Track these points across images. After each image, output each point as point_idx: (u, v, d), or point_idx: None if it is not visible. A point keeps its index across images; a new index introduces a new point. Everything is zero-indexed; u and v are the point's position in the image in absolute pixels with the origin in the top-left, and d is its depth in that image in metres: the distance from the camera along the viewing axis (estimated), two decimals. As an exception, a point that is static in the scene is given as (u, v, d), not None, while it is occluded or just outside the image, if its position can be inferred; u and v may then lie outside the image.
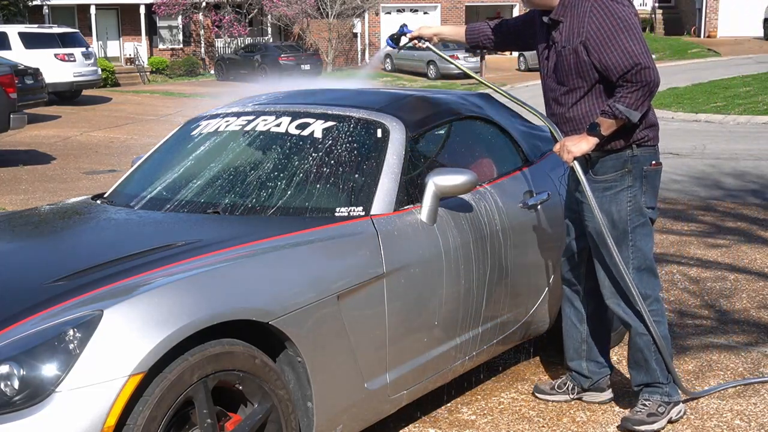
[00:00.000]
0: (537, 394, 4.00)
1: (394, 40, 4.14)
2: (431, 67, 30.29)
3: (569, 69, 3.54)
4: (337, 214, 3.38)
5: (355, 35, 37.15)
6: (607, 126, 3.45)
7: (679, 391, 3.75)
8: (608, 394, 3.95)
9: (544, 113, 3.78)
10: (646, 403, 3.67)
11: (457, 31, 4.19)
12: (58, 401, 2.37)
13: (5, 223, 3.77)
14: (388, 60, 34.23)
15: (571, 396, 3.95)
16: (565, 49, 3.52)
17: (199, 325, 2.59)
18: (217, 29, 35.11)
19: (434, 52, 4.25)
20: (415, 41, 4.11)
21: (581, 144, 3.51)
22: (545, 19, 3.61)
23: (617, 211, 3.57)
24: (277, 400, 2.83)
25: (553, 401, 3.95)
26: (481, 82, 4.29)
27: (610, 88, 3.48)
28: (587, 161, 3.60)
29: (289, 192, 3.51)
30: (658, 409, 3.63)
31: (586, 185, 3.56)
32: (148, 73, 32.44)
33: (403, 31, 4.12)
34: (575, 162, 3.56)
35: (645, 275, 3.61)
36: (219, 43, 35.87)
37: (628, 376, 4.24)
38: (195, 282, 2.72)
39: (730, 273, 5.93)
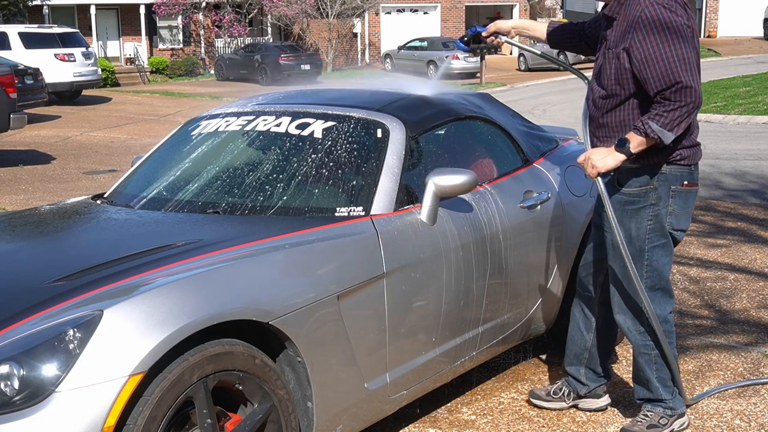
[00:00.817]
0: (532, 400, 3.93)
1: (466, 42, 4.01)
2: (431, 67, 30.28)
3: (609, 73, 3.36)
4: (337, 214, 3.38)
5: (355, 35, 37.15)
6: (636, 143, 3.24)
7: (690, 402, 3.67)
8: (605, 400, 3.89)
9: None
10: (648, 414, 3.60)
11: (536, 26, 4.02)
12: (58, 401, 2.37)
13: (5, 223, 3.77)
14: (388, 60, 34.25)
15: (567, 403, 3.88)
16: (610, 52, 3.35)
17: (199, 325, 2.59)
18: (217, 29, 35.12)
19: (513, 45, 4.05)
20: (492, 37, 3.98)
21: (607, 159, 3.32)
22: (602, 12, 3.44)
23: (636, 228, 3.42)
24: (277, 400, 2.83)
25: (548, 408, 3.89)
26: (579, 75, 4.06)
27: (648, 102, 3.28)
28: (615, 169, 3.40)
29: (289, 192, 3.51)
30: (660, 421, 3.57)
31: (608, 201, 3.39)
32: (148, 73, 32.44)
33: (475, 29, 3.99)
34: (598, 178, 3.38)
35: (658, 295, 3.49)
36: (219, 43, 35.88)
37: (627, 378, 4.24)
38: (195, 282, 2.72)
39: (730, 273, 5.93)
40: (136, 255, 2.95)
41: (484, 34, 3.99)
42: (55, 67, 21.25)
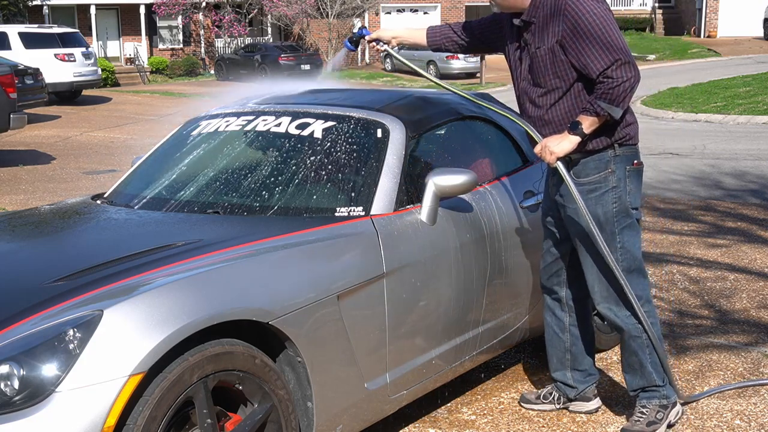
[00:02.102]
0: (522, 404, 3.92)
1: (353, 42, 4.00)
2: (431, 67, 30.29)
3: (545, 70, 3.45)
4: (337, 214, 3.38)
5: (355, 35, 37.14)
6: (589, 124, 3.36)
7: (675, 392, 3.68)
8: (595, 403, 3.86)
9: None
10: (644, 410, 3.59)
11: (416, 33, 4.03)
12: (58, 401, 2.37)
13: (5, 223, 3.77)
14: (388, 60, 34.22)
15: (557, 406, 3.87)
16: (540, 50, 3.44)
17: (199, 325, 2.59)
18: (217, 29, 35.12)
19: (393, 55, 3.98)
20: (374, 44, 3.95)
21: (563, 143, 3.41)
22: (516, 21, 3.52)
23: (603, 213, 3.48)
24: (277, 400, 2.83)
25: (538, 410, 3.88)
26: (441, 85, 3.98)
27: (589, 87, 3.40)
28: (568, 163, 3.50)
29: (289, 192, 3.51)
30: (657, 416, 3.57)
31: (573, 185, 3.44)
32: (148, 73, 32.44)
33: (362, 33, 3.97)
34: (559, 162, 3.45)
35: (635, 276, 3.53)
36: (219, 43, 35.88)
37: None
38: (195, 282, 2.72)
39: (730, 273, 5.93)
40: (136, 255, 2.95)
41: (366, 38, 3.96)
42: (55, 67, 21.24)
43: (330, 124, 3.71)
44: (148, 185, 3.85)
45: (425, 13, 38.88)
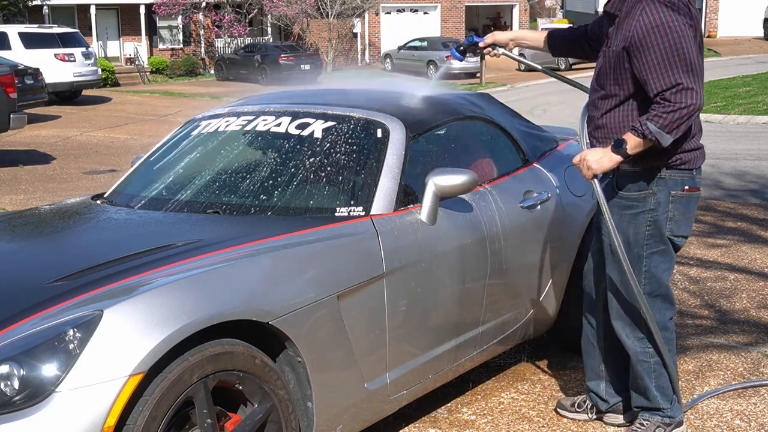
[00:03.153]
0: (559, 410, 3.83)
1: (461, 51, 3.93)
2: (431, 67, 30.28)
3: (608, 72, 3.28)
4: (337, 214, 3.38)
5: (355, 35, 37.15)
6: (633, 144, 3.16)
7: (683, 410, 3.58)
8: (630, 415, 3.70)
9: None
10: (644, 423, 3.52)
11: (533, 36, 3.92)
12: (58, 401, 2.37)
13: (5, 223, 3.77)
14: (388, 60, 34.25)
15: (591, 416, 3.75)
16: (610, 50, 3.26)
17: (199, 325, 2.59)
18: (217, 29, 35.11)
19: (512, 58, 3.93)
20: (490, 49, 3.88)
21: (603, 160, 3.24)
22: (602, 10, 3.36)
23: (634, 233, 3.34)
24: (277, 400, 2.83)
25: (573, 419, 3.78)
26: (580, 87, 3.94)
27: (647, 103, 3.18)
28: (614, 171, 3.34)
29: (288, 192, 3.51)
30: (656, 430, 3.49)
31: (604, 203, 3.31)
32: (148, 73, 32.44)
33: (472, 40, 3.90)
34: (595, 180, 3.29)
35: (658, 301, 3.40)
36: (219, 43, 35.87)
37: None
38: (195, 282, 2.72)
39: (730, 273, 5.93)
40: (136, 255, 2.95)
41: (481, 45, 3.90)
42: (55, 67, 21.24)
43: (330, 124, 3.71)
44: (148, 185, 3.85)
45: (425, 13, 38.86)
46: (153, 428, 2.49)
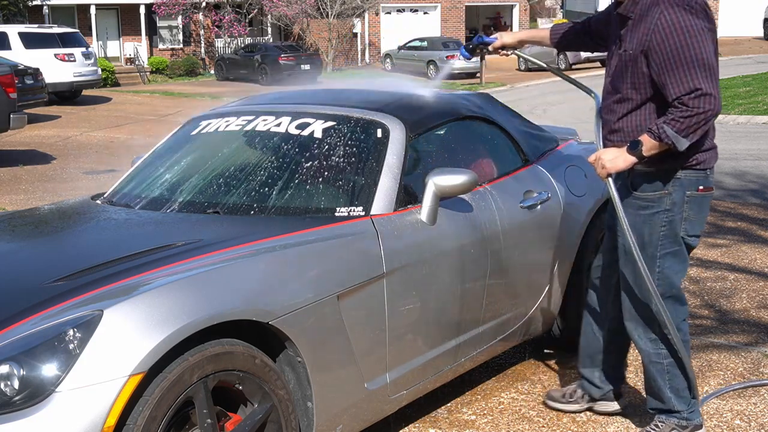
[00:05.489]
0: (549, 402, 3.86)
1: (470, 50, 3.94)
2: (431, 67, 30.28)
3: (625, 76, 3.26)
4: (337, 214, 3.38)
5: (355, 35, 37.16)
6: (649, 147, 3.16)
7: (701, 414, 3.55)
8: (621, 402, 3.78)
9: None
10: (659, 424, 3.50)
11: (539, 33, 3.95)
12: (58, 401, 2.37)
13: (5, 223, 3.77)
14: (388, 60, 34.25)
15: (583, 405, 3.80)
16: (626, 54, 3.24)
17: (199, 325, 2.59)
18: (217, 29, 35.12)
19: (524, 58, 4.00)
20: (500, 51, 3.91)
21: (617, 161, 3.24)
22: (616, 11, 3.34)
23: (649, 233, 3.32)
24: (277, 400, 2.83)
25: (564, 410, 3.82)
26: (584, 88, 3.96)
27: (665, 107, 3.18)
28: (629, 172, 3.32)
29: (289, 192, 3.51)
30: None
31: (618, 203, 3.30)
32: (148, 73, 32.44)
33: (481, 39, 3.91)
34: (609, 179, 3.30)
35: (669, 303, 3.37)
36: (219, 43, 35.88)
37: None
38: (195, 282, 2.72)
39: (730, 273, 5.93)
40: (136, 255, 2.95)
41: (491, 48, 3.92)
42: (55, 67, 21.23)
43: (330, 124, 3.71)
44: (148, 185, 3.85)
45: (425, 13, 38.87)
46: (153, 428, 2.49)
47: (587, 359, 3.78)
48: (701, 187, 3.32)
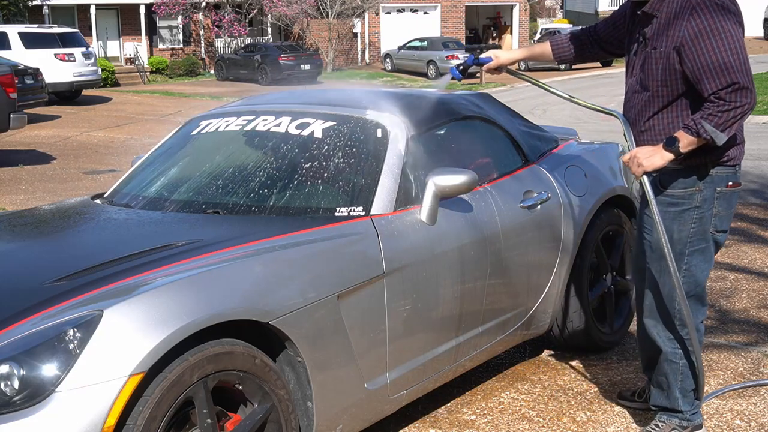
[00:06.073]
0: (619, 400, 3.87)
1: (461, 70, 3.91)
2: (431, 67, 30.29)
3: (655, 74, 3.23)
4: (337, 214, 3.38)
5: (355, 35, 37.16)
6: (686, 143, 3.12)
7: (702, 416, 3.54)
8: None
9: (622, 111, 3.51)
10: (660, 424, 3.50)
11: (537, 50, 3.90)
12: (58, 401, 2.37)
13: (5, 223, 3.77)
14: (388, 60, 34.26)
15: (644, 404, 3.76)
16: (656, 51, 3.21)
17: (199, 325, 2.59)
18: (217, 29, 35.11)
19: (519, 76, 3.93)
20: (496, 70, 3.85)
21: (654, 158, 3.20)
22: (639, 11, 3.31)
23: (678, 230, 3.30)
24: (277, 400, 2.83)
25: (632, 407, 3.80)
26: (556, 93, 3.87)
27: (697, 103, 3.15)
28: (658, 169, 3.30)
29: (289, 192, 3.51)
30: None
31: (653, 200, 3.27)
32: (148, 73, 32.44)
33: (471, 61, 3.86)
34: (644, 177, 3.27)
35: (692, 302, 3.35)
36: (219, 43, 35.88)
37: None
38: (195, 282, 2.72)
39: (730, 273, 5.93)
40: (136, 255, 2.95)
41: (485, 68, 3.85)
42: (55, 67, 21.23)
43: (330, 124, 3.71)
44: (148, 185, 3.85)
45: (425, 13, 38.86)
46: (153, 428, 2.49)
47: (647, 362, 3.66)
48: (730, 183, 3.31)
